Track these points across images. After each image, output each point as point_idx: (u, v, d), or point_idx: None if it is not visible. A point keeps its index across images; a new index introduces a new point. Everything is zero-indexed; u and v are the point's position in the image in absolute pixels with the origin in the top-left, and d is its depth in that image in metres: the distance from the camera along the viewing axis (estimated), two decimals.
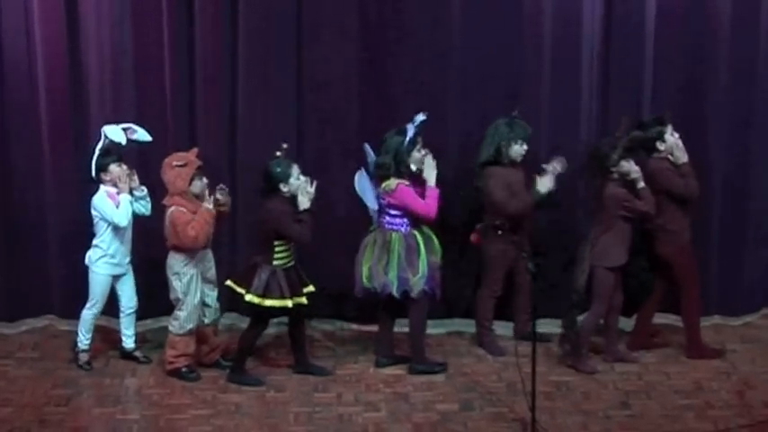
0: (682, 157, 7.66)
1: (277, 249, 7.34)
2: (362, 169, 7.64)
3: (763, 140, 8.43)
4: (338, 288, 8.18)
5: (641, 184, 7.57)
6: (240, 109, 8.25)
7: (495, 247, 7.87)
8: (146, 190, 7.62)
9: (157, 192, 7.60)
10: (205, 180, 7.48)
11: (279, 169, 7.26)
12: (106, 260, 7.63)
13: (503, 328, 8.21)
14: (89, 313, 7.72)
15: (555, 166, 7.76)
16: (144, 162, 7.89)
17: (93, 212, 7.58)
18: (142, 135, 7.62)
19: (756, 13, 8.29)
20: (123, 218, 7.51)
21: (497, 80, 8.26)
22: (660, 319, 8.30)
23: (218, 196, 7.48)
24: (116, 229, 7.56)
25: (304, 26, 8.14)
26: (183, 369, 7.56)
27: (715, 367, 7.82)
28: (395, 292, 7.50)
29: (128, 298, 7.80)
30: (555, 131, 8.22)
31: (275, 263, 7.35)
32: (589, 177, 7.78)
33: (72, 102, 8.14)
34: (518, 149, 7.80)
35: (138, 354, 7.89)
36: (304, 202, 7.27)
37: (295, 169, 7.29)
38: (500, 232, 7.63)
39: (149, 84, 8.16)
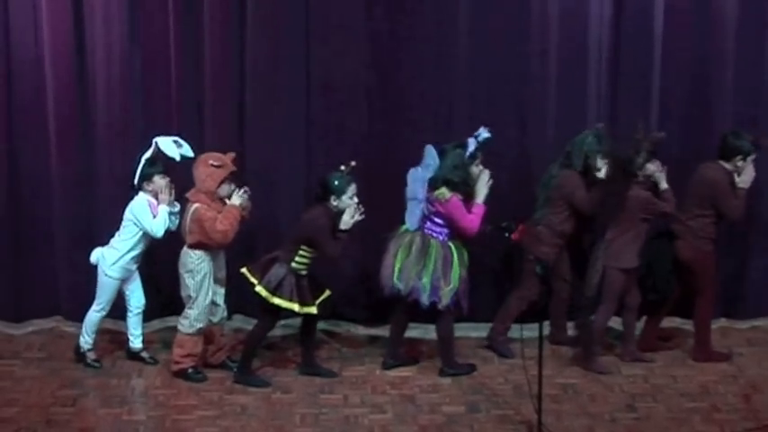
0: (747, 182, 7.71)
1: (301, 254, 7.37)
2: (419, 169, 7.56)
3: None
4: (345, 290, 8.18)
5: (664, 185, 7.63)
6: (248, 110, 8.24)
7: (538, 250, 7.86)
8: (178, 206, 7.59)
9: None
10: (233, 186, 7.47)
11: (337, 183, 7.30)
12: (120, 264, 7.62)
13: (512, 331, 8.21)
14: (97, 315, 7.74)
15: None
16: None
17: (128, 216, 7.54)
18: (186, 150, 7.55)
19: (763, 13, 8.29)
20: (161, 228, 7.47)
21: (504, 81, 8.26)
22: (666, 322, 8.29)
23: (242, 200, 7.47)
24: (145, 236, 7.55)
25: (312, 27, 8.14)
26: (190, 370, 7.56)
27: (722, 370, 7.82)
28: (425, 300, 7.52)
29: (136, 298, 7.80)
30: (563, 134, 8.19)
31: (293, 265, 7.37)
32: (611, 181, 7.74)
33: (79, 103, 8.12)
34: (602, 163, 7.78)
35: (144, 354, 7.90)
36: (348, 223, 7.31)
37: (351, 189, 7.32)
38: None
39: (156, 85, 8.14)
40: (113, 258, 7.61)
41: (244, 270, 7.45)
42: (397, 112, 8.23)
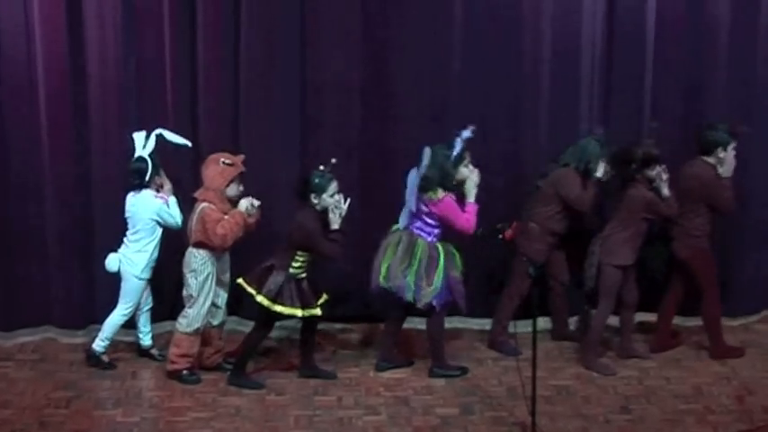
0: (729, 171, 7.75)
1: (297, 259, 7.36)
2: (416, 169, 7.53)
3: (763, 143, 8.43)
4: (340, 290, 8.18)
5: (666, 192, 7.63)
6: (242, 111, 8.24)
7: (530, 248, 7.87)
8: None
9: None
10: (242, 188, 7.49)
11: (317, 181, 7.29)
12: (150, 265, 7.69)
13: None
14: (122, 318, 7.75)
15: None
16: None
17: (146, 215, 7.55)
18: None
19: (755, 16, 8.33)
20: (180, 219, 7.60)
21: (498, 82, 8.29)
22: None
23: (248, 206, 7.46)
24: (163, 231, 7.64)
25: (306, 27, 8.14)
26: (184, 372, 7.56)
27: (715, 372, 7.83)
28: (409, 297, 7.52)
29: (145, 295, 7.83)
30: (555, 135, 8.22)
31: (291, 271, 7.36)
32: (615, 178, 7.81)
33: (72, 108, 8.02)
34: (603, 168, 7.83)
35: (154, 351, 7.93)
36: (335, 222, 7.29)
37: (332, 187, 7.30)
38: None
39: (151, 87, 8.10)
40: (144, 261, 7.64)
41: (240, 281, 7.45)
42: (392, 113, 8.24)
